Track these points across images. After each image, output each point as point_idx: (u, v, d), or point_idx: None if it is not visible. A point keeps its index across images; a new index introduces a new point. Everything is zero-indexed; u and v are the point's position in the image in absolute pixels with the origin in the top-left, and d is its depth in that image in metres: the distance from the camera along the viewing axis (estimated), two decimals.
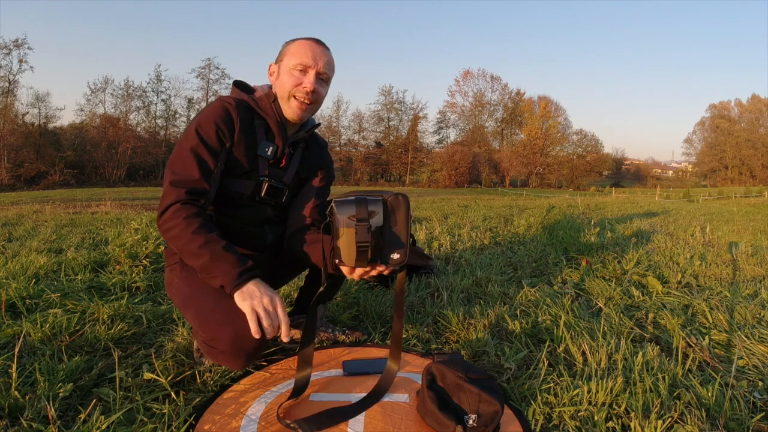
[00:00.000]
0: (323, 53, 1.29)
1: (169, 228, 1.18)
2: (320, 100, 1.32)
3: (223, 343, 1.14)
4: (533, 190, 43.05)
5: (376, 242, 1.02)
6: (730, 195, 27.53)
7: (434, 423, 1.08)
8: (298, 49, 1.28)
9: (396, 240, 1.04)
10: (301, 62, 1.26)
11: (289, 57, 1.28)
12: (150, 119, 45.83)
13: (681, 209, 9.32)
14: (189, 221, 1.16)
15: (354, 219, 1.02)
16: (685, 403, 1.21)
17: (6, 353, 1.40)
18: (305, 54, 1.26)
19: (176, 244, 1.18)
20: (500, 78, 61.95)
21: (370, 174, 50.12)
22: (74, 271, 2.50)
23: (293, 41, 1.31)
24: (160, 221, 1.20)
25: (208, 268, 1.16)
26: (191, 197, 1.20)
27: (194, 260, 1.17)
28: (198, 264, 1.17)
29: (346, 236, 1.02)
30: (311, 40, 1.30)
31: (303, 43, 1.29)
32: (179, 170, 1.20)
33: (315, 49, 1.28)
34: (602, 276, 2.61)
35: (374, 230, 1.01)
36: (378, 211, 1.02)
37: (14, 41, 35.99)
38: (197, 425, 1.11)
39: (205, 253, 1.15)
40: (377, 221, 1.02)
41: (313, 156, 1.47)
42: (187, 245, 1.16)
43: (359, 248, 1.01)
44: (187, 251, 1.17)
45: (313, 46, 1.29)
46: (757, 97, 61.59)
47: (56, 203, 9.50)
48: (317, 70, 1.27)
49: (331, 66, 1.32)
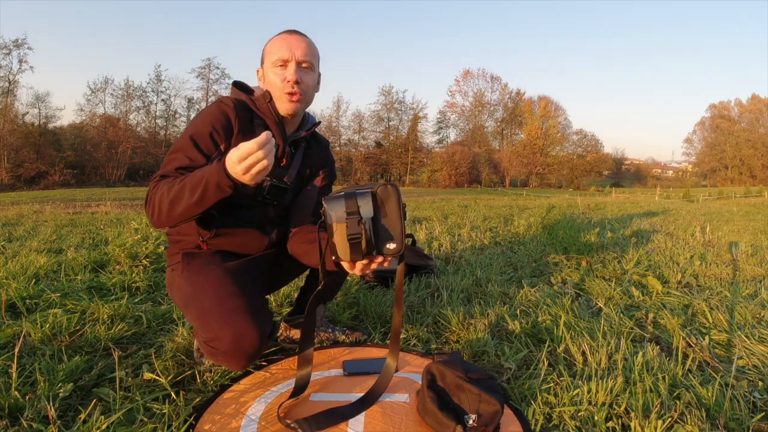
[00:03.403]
0: (299, 42, 1.28)
1: (153, 194, 1.15)
2: (309, 89, 1.32)
3: (224, 343, 1.14)
4: (533, 190, 43.05)
5: (369, 234, 1.03)
6: (730, 195, 27.56)
7: (434, 423, 1.08)
8: (273, 45, 1.29)
9: (389, 230, 1.05)
10: (279, 57, 1.26)
11: (268, 56, 1.29)
12: (150, 119, 45.83)
13: (681, 209, 9.32)
14: (170, 183, 1.14)
15: (344, 213, 1.03)
16: (685, 403, 1.21)
17: (6, 353, 1.40)
18: (280, 48, 1.27)
19: (163, 201, 1.13)
20: (500, 78, 61.99)
21: (370, 174, 50.10)
22: (74, 271, 2.50)
23: (270, 40, 1.32)
24: (146, 202, 1.18)
25: (195, 186, 1.09)
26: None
27: (184, 198, 1.11)
28: (188, 194, 1.10)
29: (338, 231, 1.03)
30: (285, 33, 1.30)
31: (277, 38, 1.30)
32: (169, 167, 1.20)
33: (289, 41, 1.28)
34: (602, 276, 2.61)
35: (365, 222, 1.03)
36: (368, 204, 1.03)
37: (14, 41, 35.90)
38: (197, 425, 1.11)
39: (185, 181, 1.11)
40: (367, 213, 1.03)
41: (315, 155, 1.47)
42: (170, 192, 1.12)
43: (351, 241, 1.02)
44: (173, 197, 1.12)
45: (287, 38, 1.29)
46: (757, 97, 61.63)
47: (56, 203, 9.50)
48: (296, 59, 1.27)
49: (311, 52, 1.31)
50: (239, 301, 1.18)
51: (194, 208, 1.12)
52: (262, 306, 1.26)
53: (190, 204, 1.11)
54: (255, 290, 1.29)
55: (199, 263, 1.28)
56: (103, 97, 43.49)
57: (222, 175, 1.05)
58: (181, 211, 1.13)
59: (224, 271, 1.25)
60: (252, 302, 1.21)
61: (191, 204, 1.11)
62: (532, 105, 59.15)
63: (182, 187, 1.11)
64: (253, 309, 1.19)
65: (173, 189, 1.12)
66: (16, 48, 36.03)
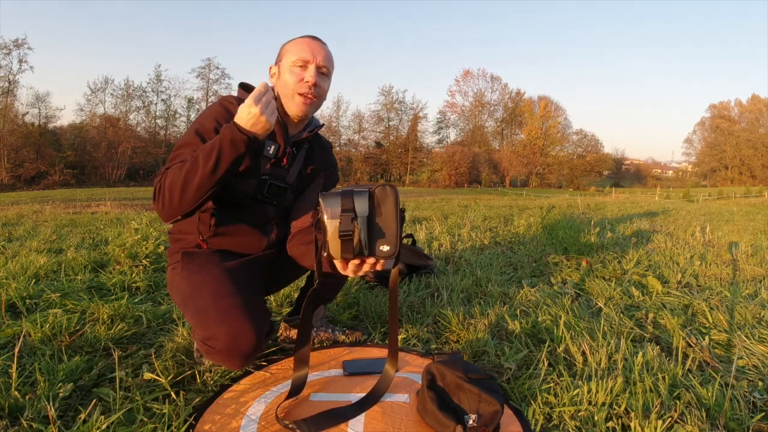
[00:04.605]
0: (321, 48, 1.31)
1: (162, 184, 1.15)
2: (323, 94, 1.34)
3: (220, 342, 1.14)
4: (533, 190, 43.03)
5: (363, 233, 1.03)
6: (730, 195, 27.55)
7: (434, 423, 1.08)
8: (295, 46, 1.30)
9: (384, 231, 1.05)
10: (300, 58, 1.28)
11: (288, 55, 1.30)
12: (150, 119, 45.78)
13: (681, 209, 9.32)
14: (179, 166, 1.15)
15: (339, 210, 1.03)
16: (685, 403, 1.21)
17: (6, 353, 1.40)
18: (303, 50, 1.29)
19: (175, 184, 1.13)
20: (500, 78, 62.04)
21: (370, 174, 50.07)
22: (74, 271, 2.50)
23: (290, 41, 1.34)
24: (154, 197, 1.18)
25: (208, 153, 1.11)
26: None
27: (198, 169, 1.11)
28: (202, 164, 1.11)
29: (331, 228, 1.03)
30: (308, 37, 1.33)
31: (300, 40, 1.32)
32: (175, 161, 1.21)
33: (312, 45, 1.30)
34: (602, 276, 2.61)
35: (359, 220, 1.03)
36: (364, 202, 1.03)
37: (14, 41, 35.89)
38: (197, 425, 1.11)
39: (197, 155, 1.12)
40: (362, 211, 1.03)
41: (317, 157, 1.47)
42: (181, 171, 1.13)
43: (342, 238, 1.02)
44: (186, 174, 1.12)
45: (310, 42, 1.31)
46: (757, 97, 61.60)
47: (56, 203, 9.50)
48: (317, 63, 1.29)
49: (330, 60, 1.34)
50: (236, 299, 1.18)
51: (208, 179, 1.12)
52: (260, 305, 1.26)
53: (205, 174, 1.11)
54: (253, 290, 1.29)
55: (199, 262, 1.28)
56: (103, 97, 43.48)
57: (234, 131, 1.10)
58: (195, 186, 1.12)
59: (223, 270, 1.25)
60: (249, 301, 1.21)
61: (206, 174, 1.11)
62: (532, 105, 59.13)
63: (195, 159, 1.12)
64: (250, 308, 1.19)
65: (185, 167, 1.13)
66: (16, 48, 36.04)
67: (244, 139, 1.10)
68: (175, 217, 1.19)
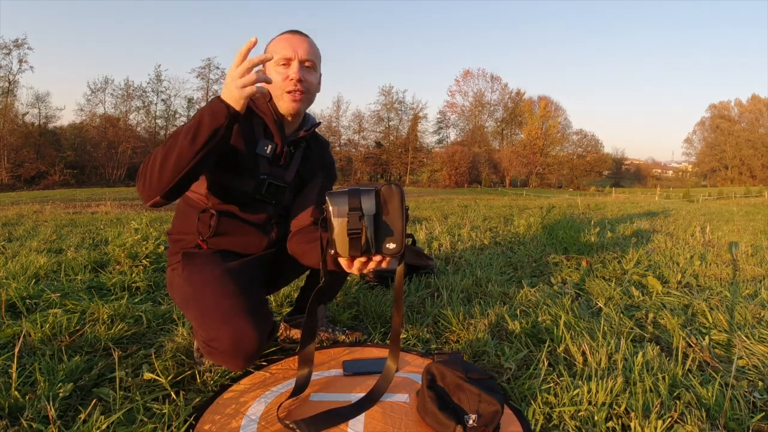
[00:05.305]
0: (302, 41, 1.29)
1: (144, 164, 1.13)
2: (312, 87, 1.32)
3: (223, 343, 1.14)
4: (533, 190, 43.03)
5: (369, 231, 1.04)
6: (730, 195, 27.55)
7: (434, 423, 1.08)
8: (276, 45, 1.29)
9: (390, 229, 1.06)
10: (282, 56, 1.27)
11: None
12: (150, 119, 45.75)
13: (681, 209, 9.32)
14: (162, 144, 1.13)
15: (346, 208, 1.03)
16: (685, 403, 1.21)
17: (6, 353, 1.40)
18: (283, 47, 1.27)
19: (155, 160, 1.10)
20: (500, 78, 61.91)
21: (370, 174, 50.06)
22: (74, 271, 2.50)
23: (272, 40, 1.32)
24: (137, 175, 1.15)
25: (189, 126, 1.08)
26: None
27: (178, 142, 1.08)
28: (183, 135, 1.08)
29: (339, 226, 1.04)
30: (287, 33, 1.31)
31: (280, 38, 1.30)
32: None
33: (292, 40, 1.28)
34: (602, 276, 2.61)
35: (366, 218, 1.03)
36: (371, 201, 1.04)
37: (14, 41, 35.90)
38: (197, 425, 1.11)
39: (179, 128, 1.09)
40: (369, 209, 1.04)
41: (314, 156, 1.47)
42: (163, 147, 1.10)
43: (351, 235, 1.03)
44: (167, 148, 1.09)
45: (290, 37, 1.29)
46: (757, 97, 61.60)
47: (56, 203, 9.50)
48: (299, 58, 1.27)
49: (313, 52, 1.31)
50: (238, 300, 1.18)
51: (187, 150, 1.07)
52: (262, 306, 1.26)
53: (184, 145, 1.06)
54: (255, 290, 1.29)
55: (199, 263, 1.28)
56: (103, 97, 43.58)
57: (215, 101, 1.07)
58: (175, 159, 1.07)
59: (224, 270, 1.25)
60: (251, 302, 1.21)
61: (185, 145, 1.06)
62: (532, 105, 59.12)
63: (176, 132, 1.09)
64: (252, 309, 1.19)
65: (166, 143, 1.09)
66: (16, 48, 36.05)
67: (224, 110, 1.06)
68: (154, 197, 1.13)
